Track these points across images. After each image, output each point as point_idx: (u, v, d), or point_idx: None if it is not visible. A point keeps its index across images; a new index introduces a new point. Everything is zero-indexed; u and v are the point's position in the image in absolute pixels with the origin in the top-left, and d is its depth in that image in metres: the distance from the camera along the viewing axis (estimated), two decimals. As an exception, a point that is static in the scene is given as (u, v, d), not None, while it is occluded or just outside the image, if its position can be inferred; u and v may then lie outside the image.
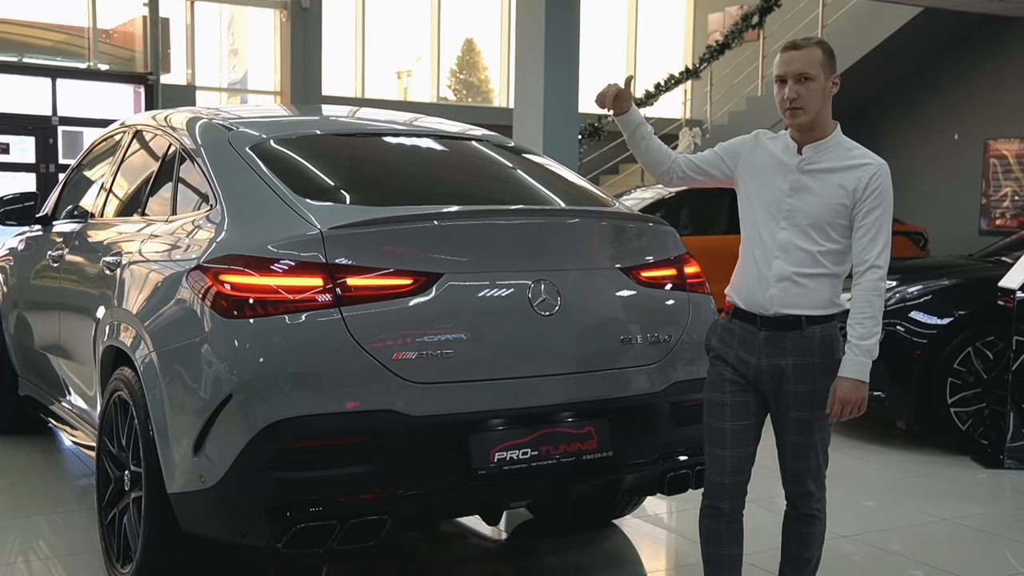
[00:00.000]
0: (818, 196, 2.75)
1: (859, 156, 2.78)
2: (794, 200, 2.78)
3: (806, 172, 2.78)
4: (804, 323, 2.76)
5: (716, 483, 2.89)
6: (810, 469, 2.86)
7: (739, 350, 2.83)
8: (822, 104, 2.76)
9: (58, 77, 12.25)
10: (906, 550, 4.02)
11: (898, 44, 11.83)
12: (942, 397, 5.45)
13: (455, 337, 2.95)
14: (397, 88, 16.75)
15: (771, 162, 2.85)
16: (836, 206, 2.74)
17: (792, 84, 2.73)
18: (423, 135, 4.01)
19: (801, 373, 2.77)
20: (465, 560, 4.01)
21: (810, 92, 2.73)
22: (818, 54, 2.75)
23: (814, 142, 2.79)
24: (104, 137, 4.92)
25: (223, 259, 2.95)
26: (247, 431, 2.79)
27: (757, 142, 2.92)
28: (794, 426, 2.82)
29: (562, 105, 8.23)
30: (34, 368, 4.96)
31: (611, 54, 17.23)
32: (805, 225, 2.76)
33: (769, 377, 2.80)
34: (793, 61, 2.74)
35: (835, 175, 2.76)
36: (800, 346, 2.77)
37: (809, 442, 2.83)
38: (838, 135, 2.82)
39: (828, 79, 2.76)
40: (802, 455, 2.85)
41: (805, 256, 2.75)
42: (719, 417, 2.87)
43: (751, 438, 2.88)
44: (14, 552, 3.89)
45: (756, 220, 2.84)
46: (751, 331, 2.81)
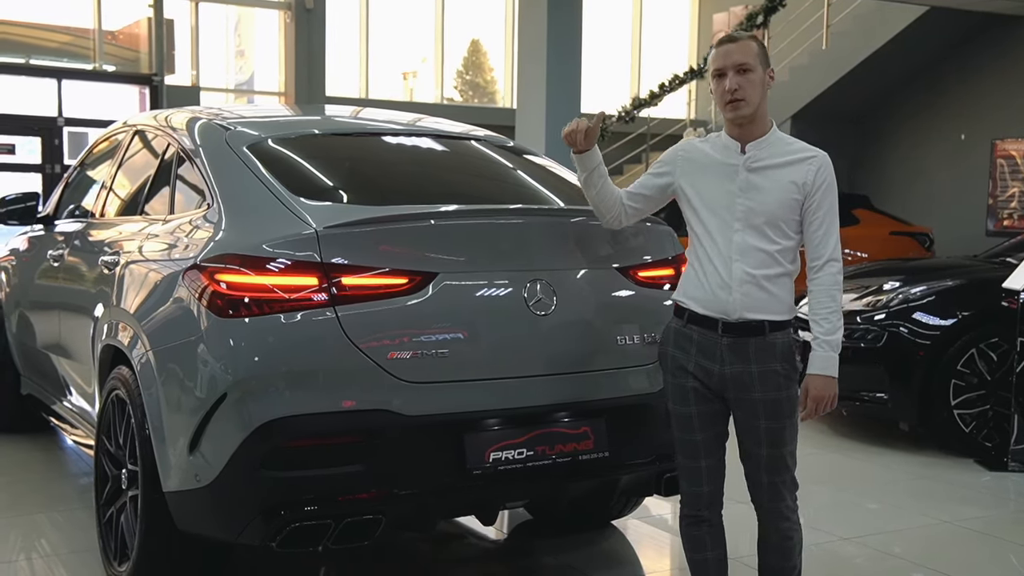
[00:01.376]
0: (769, 193, 2.72)
1: (802, 149, 2.77)
2: (745, 200, 2.73)
3: (753, 170, 2.75)
4: (767, 328, 2.73)
5: (694, 493, 2.87)
6: (785, 483, 2.81)
7: (699, 357, 2.78)
8: (762, 96, 2.74)
9: (64, 78, 12.29)
10: (908, 553, 4.00)
11: (904, 44, 11.78)
12: (945, 399, 5.42)
13: (450, 337, 2.95)
14: (403, 89, 16.77)
15: (711, 164, 2.80)
16: (789, 201, 2.72)
17: (732, 75, 2.71)
18: (422, 135, 4.00)
19: (767, 381, 2.73)
20: (463, 560, 4.01)
21: (750, 83, 2.71)
22: (753, 47, 2.74)
23: (755, 139, 2.76)
24: (105, 137, 4.93)
25: (219, 258, 2.95)
26: (242, 430, 2.79)
27: (690, 147, 2.89)
28: (766, 437, 2.76)
29: (565, 105, 8.23)
30: (36, 367, 4.97)
31: (615, 54, 17.22)
32: (761, 224, 2.72)
33: (733, 385, 2.75)
34: (731, 53, 2.73)
35: (783, 170, 2.73)
36: (763, 353, 2.73)
37: (780, 453, 2.78)
38: (776, 131, 2.80)
39: (765, 71, 2.75)
40: (776, 468, 2.78)
41: (764, 256, 2.72)
42: (688, 429, 2.84)
43: (721, 445, 2.87)
44: (16, 550, 3.91)
45: (707, 224, 2.79)
46: (711, 337, 2.75)
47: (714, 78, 2.77)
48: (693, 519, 2.90)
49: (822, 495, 4.76)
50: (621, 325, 3.25)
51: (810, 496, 2.86)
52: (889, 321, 5.61)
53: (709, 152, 2.83)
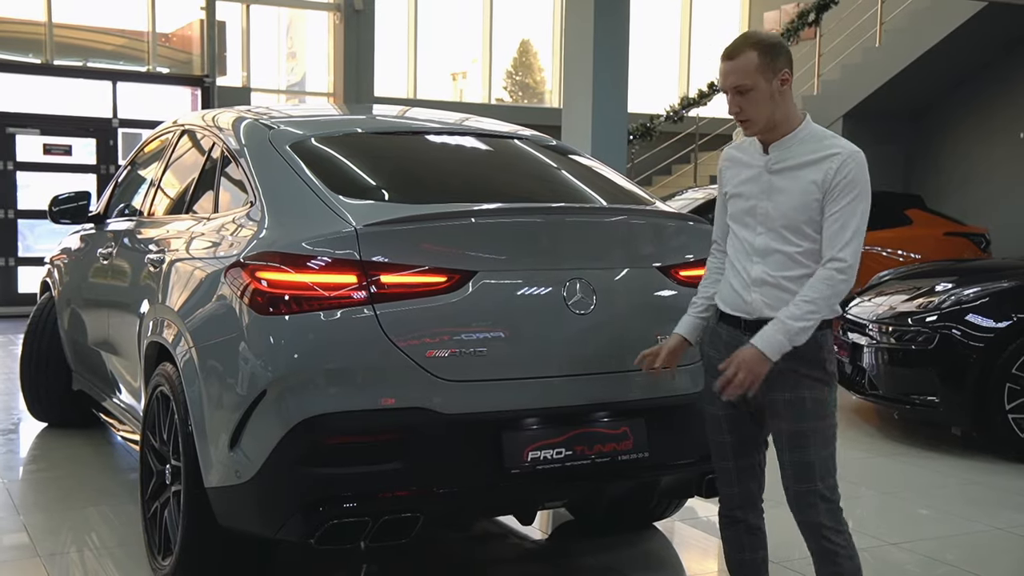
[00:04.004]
0: (790, 195, 2.62)
1: (829, 147, 2.62)
2: (767, 204, 2.66)
3: (775, 172, 2.66)
4: None
5: (726, 493, 2.84)
6: (814, 493, 2.64)
7: (727, 356, 2.69)
8: (772, 108, 2.61)
9: (119, 80, 12.51)
10: (960, 560, 3.92)
11: (961, 40, 11.53)
12: (999, 403, 5.31)
13: (489, 335, 2.95)
14: (452, 89, 16.84)
15: (743, 166, 2.74)
16: (809, 203, 2.59)
17: (731, 97, 2.61)
18: (464, 134, 4.00)
19: (788, 381, 2.64)
20: (503, 560, 4.00)
21: (751, 102, 2.60)
22: (753, 60, 2.58)
23: (779, 139, 2.65)
24: (154, 136, 5.01)
25: (260, 256, 2.98)
26: (281, 427, 2.81)
27: (728, 154, 2.82)
28: (788, 441, 2.66)
29: (611, 105, 8.17)
30: (86, 363, 5.06)
31: (664, 52, 17.11)
32: (780, 227, 2.64)
33: (758, 385, 2.64)
34: (727, 74, 2.61)
35: (804, 170, 2.61)
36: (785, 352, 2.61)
37: (807, 461, 2.64)
38: (807, 127, 2.66)
39: (772, 80, 2.59)
40: (802, 476, 2.65)
41: (784, 259, 2.63)
42: (717, 430, 2.81)
43: (752, 448, 2.79)
44: (67, 543, 3.98)
45: (733, 226, 2.75)
46: (737, 336, 2.70)
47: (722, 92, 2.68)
48: (728, 519, 2.87)
49: (871, 499, 4.68)
50: (662, 325, 3.20)
51: (859, 500, 2.80)
52: (941, 323, 5.49)
53: (741, 155, 2.77)
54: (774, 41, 2.65)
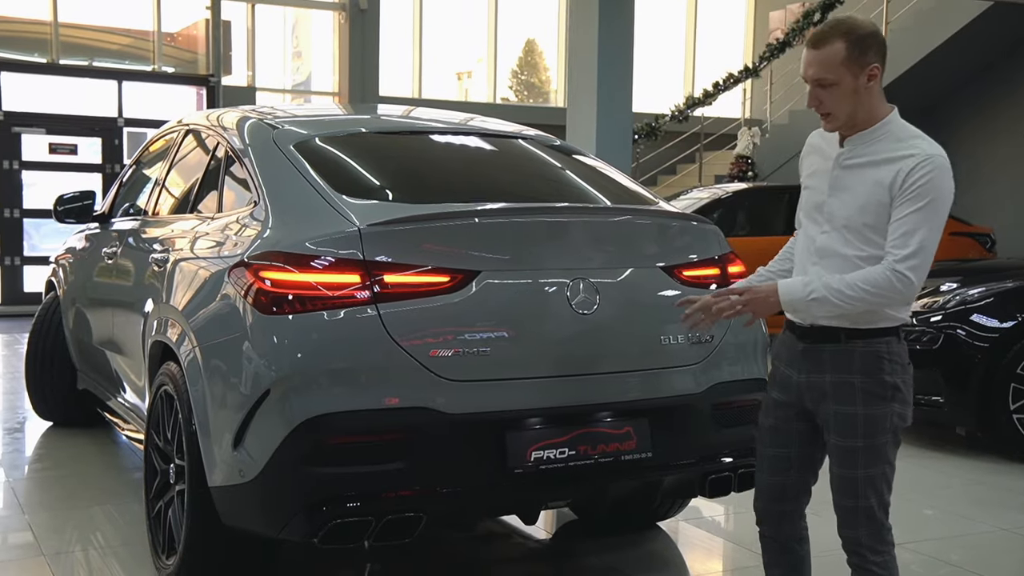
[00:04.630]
0: (855, 194, 2.44)
1: (907, 147, 2.40)
2: (832, 200, 2.49)
3: (844, 167, 2.48)
4: (843, 336, 2.47)
5: (756, 507, 2.74)
6: (857, 510, 2.50)
7: (784, 366, 2.61)
8: (856, 104, 2.42)
9: (124, 80, 12.54)
10: (964, 560, 3.91)
11: (965, 40, 11.52)
12: (1004, 403, 5.29)
13: (493, 335, 2.94)
14: (457, 89, 16.84)
15: (818, 160, 2.60)
16: (875, 205, 2.40)
17: (812, 89, 2.43)
18: (468, 134, 4.00)
19: (840, 392, 2.48)
20: (507, 560, 4.00)
21: (833, 97, 2.41)
22: (840, 52, 2.37)
23: (858, 133, 2.47)
24: (159, 136, 5.02)
25: (264, 256, 2.98)
26: (285, 426, 2.81)
27: (808, 145, 2.67)
28: (836, 454, 2.52)
29: (615, 105, 8.18)
30: (91, 363, 5.07)
31: (670, 52, 17.10)
32: (842, 227, 2.47)
33: (810, 396, 2.55)
34: (809, 65, 2.42)
35: (874, 169, 2.42)
36: (838, 361, 2.48)
37: (852, 476, 2.49)
38: (890, 123, 2.45)
39: (858, 76, 2.39)
40: (847, 491, 2.51)
41: (843, 262, 2.45)
42: (761, 441, 2.69)
43: (792, 467, 2.63)
44: (71, 542, 3.98)
45: (802, 220, 2.61)
46: (794, 343, 2.58)
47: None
48: (761, 534, 2.76)
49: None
50: (665, 325, 3.21)
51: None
52: (946, 323, 5.48)
53: (822, 143, 2.60)
54: (867, 31, 2.41)
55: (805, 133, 2.85)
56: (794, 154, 14.57)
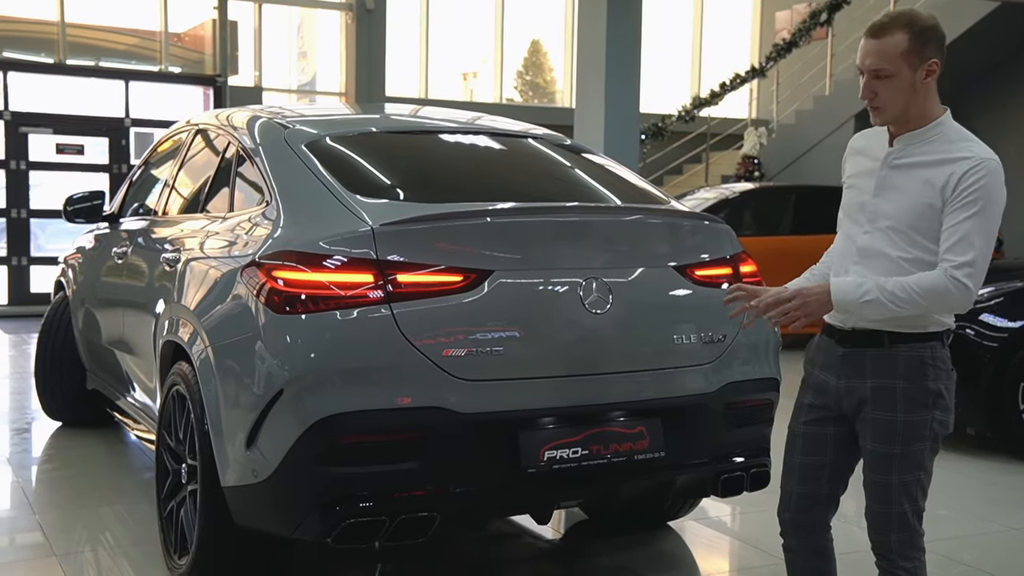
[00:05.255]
0: (904, 194, 2.37)
1: (960, 149, 2.35)
2: (879, 200, 2.43)
3: (894, 167, 2.42)
4: (886, 340, 2.41)
5: (781, 518, 2.64)
6: (890, 516, 2.45)
7: (821, 371, 2.54)
8: (909, 99, 2.35)
9: (131, 80, 12.56)
10: (977, 560, 3.90)
11: (976, 39, 11.50)
12: (1013, 403, 5.29)
13: (506, 335, 2.94)
14: (463, 89, 16.85)
15: (862, 160, 2.53)
16: (923, 207, 2.34)
17: (868, 80, 2.35)
18: (479, 133, 4.00)
19: (881, 398, 2.42)
20: (518, 560, 4.00)
21: (889, 90, 2.34)
22: (901, 43, 2.30)
23: (909, 132, 2.41)
24: (168, 136, 5.02)
25: (276, 255, 2.98)
26: (298, 426, 2.81)
27: (850, 147, 2.61)
28: (870, 460, 2.47)
29: (623, 105, 8.18)
30: (101, 363, 5.08)
31: (676, 52, 17.10)
32: (886, 228, 2.41)
33: (848, 401, 2.49)
34: (867, 54, 2.34)
35: (925, 170, 2.36)
36: (881, 366, 2.42)
37: (887, 482, 2.44)
38: (942, 124, 2.40)
39: (917, 70, 2.32)
40: (880, 496, 2.46)
41: (887, 263, 2.38)
42: (791, 448, 2.60)
43: (824, 476, 2.56)
44: (81, 542, 3.98)
45: (842, 223, 2.53)
46: (833, 348, 2.50)
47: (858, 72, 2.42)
48: (784, 544, 2.67)
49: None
50: (677, 324, 3.21)
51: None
52: (955, 323, 5.45)
53: (866, 143, 2.54)
54: (929, 24, 2.35)
55: (812, 133, 2.84)
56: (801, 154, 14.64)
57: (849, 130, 11.39)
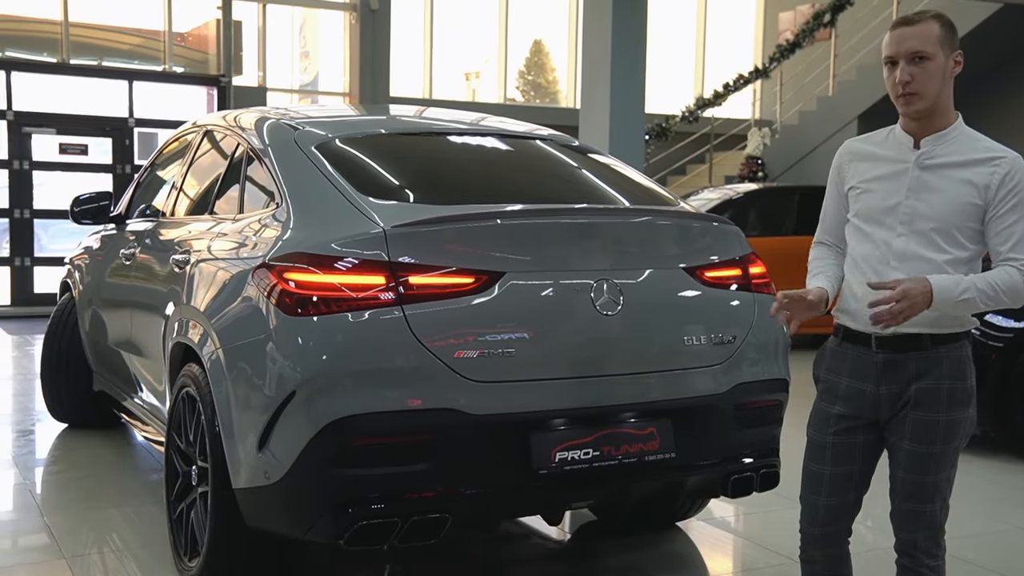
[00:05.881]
0: (943, 194, 2.39)
1: (989, 148, 2.43)
2: (914, 201, 2.43)
3: (927, 168, 2.43)
4: (928, 343, 2.41)
5: (807, 532, 2.61)
6: (922, 514, 2.48)
7: (851, 379, 2.51)
8: (941, 87, 2.40)
9: (135, 80, 12.55)
10: (982, 559, 3.91)
11: (978, 40, 11.50)
12: (1018, 403, 5.29)
13: (517, 336, 2.94)
14: (465, 89, 16.84)
15: (880, 161, 2.52)
16: (965, 206, 2.38)
17: (904, 65, 2.37)
18: (487, 134, 4.00)
19: (927, 399, 2.42)
20: (526, 560, 4.00)
21: (926, 74, 2.37)
22: (935, 29, 2.38)
23: (934, 133, 2.44)
24: (176, 137, 5.02)
25: (288, 257, 2.98)
26: (310, 428, 2.81)
27: (855, 146, 2.61)
28: (907, 460, 2.47)
29: (628, 105, 8.18)
30: (108, 364, 5.08)
31: (680, 53, 17.09)
32: (928, 230, 2.41)
33: (889, 405, 2.47)
34: (904, 39, 2.38)
35: (962, 170, 2.40)
36: (925, 369, 2.42)
37: (923, 481, 2.46)
38: (961, 125, 2.47)
39: (949, 58, 2.40)
40: (915, 495, 2.47)
41: (928, 267, 2.38)
42: (819, 460, 2.57)
43: (853, 485, 2.57)
44: (87, 544, 3.98)
45: (864, 229, 2.50)
46: (866, 354, 2.48)
47: (885, 65, 2.44)
48: (805, 556, 2.65)
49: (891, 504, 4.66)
50: (688, 326, 3.22)
51: (880, 500, 2.75)
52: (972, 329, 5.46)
53: (874, 148, 2.55)
54: (951, 21, 2.47)
55: (815, 134, 2.84)
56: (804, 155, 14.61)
57: (852, 131, 11.39)
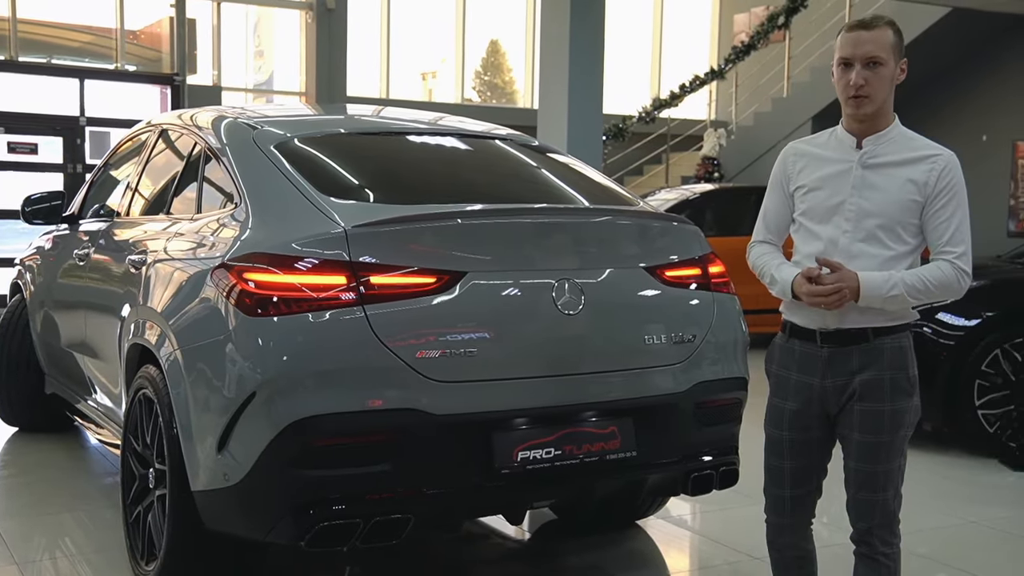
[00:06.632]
0: (886, 192, 2.49)
1: (925, 147, 2.54)
2: (859, 199, 2.52)
3: (869, 167, 2.53)
4: (871, 335, 2.51)
5: (775, 524, 2.73)
6: (875, 503, 2.57)
7: (799, 373, 2.60)
8: (889, 92, 2.50)
9: (86, 78, 12.34)
10: (933, 553, 3.98)
11: (927, 44, 11.72)
12: (970, 399, 5.38)
13: (478, 336, 2.94)
14: (422, 89, 16.80)
15: (824, 161, 2.60)
16: (907, 203, 2.48)
17: (860, 69, 2.46)
18: (447, 134, 4.00)
19: (871, 391, 2.52)
20: (487, 561, 4.00)
21: (879, 79, 2.47)
22: (889, 36, 2.48)
23: (875, 133, 2.54)
24: (130, 136, 4.95)
25: (247, 257, 2.95)
26: (271, 429, 2.79)
27: (799, 147, 2.69)
28: (857, 450, 2.56)
29: (586, 106, 8.21)
30: (60, 366, 4.99)
31: (636, 54, 17.19)
32: (874, 227, 2.50)
33: (836, 398, 2.57)
34: (862, 43, 2.47)
35: (903, 168, 2.51)
36: (868, 360, 2.52)
37: (874, 470, 2.55)
38: (899, 125, 2.58)
39: (897, 64, 2.50)
40: (867, 485, 2.56)
41: (873, 263, 2.48)
42: (778, 455, 2.68)
43: (813, 475, 2.68)
44: (40, 549, 3.91)
45: (811, 227, 2.58)
46: (812, 349, 2.57)
47: (838, 66, 2.51)
48: (775, 546, 2.76)
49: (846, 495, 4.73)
50: (648, 325, 3.24)
51: (834, 497, 2.81)
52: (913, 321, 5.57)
53: (818, 149, 2.64)
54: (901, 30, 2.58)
55: (770, 135, 2.90)
56: (759, 155, 14.74)
57: (807, 131, 11.53)
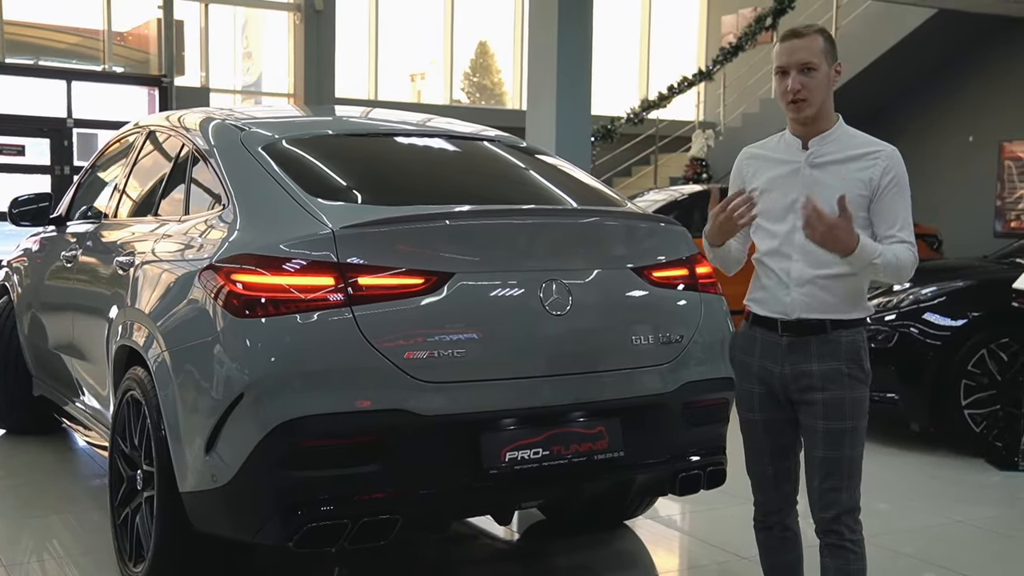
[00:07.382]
0: (834, 189, 2.59)
1: (868, 143, 2.68)
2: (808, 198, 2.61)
3: (816, 166, 2.67)
4: (829, 327, 2.64)
5: (762, 499, 2.85)
6: (840, 491, 2.66)
7: (762, 359, 2.73)
8: (826, 93, 2.65)
9: (73, 80, 12.32)
10: (920, 552, 4.00)
11: (913, 46, 11.79)
12: (956, 399, 5.41)
13: (466, 337, 2.95)
14: (410, 90, 16.80)
15: (774, 163, 2.74)
16: (855, 198, 2.59)
17: (795, 75, 2.62)
18: (436, 135, 4.01)
19: (830, 379, 2.64)
20: (476, 561, 4.01)
21: (814, 83, 2.62)
22: (820, 42, 2.63)
23: (819, 135, 2.68)
24: (118, 138, 4.94)
25: (235, 258, 2.96)
26: (259, 430, 2.79)
27: (751, 151, 2.83)
28: (825, 437, 2.65)
29: (575, 107, 8.23)
30: (48, 368, 4.98)
31: (624, 56, 17.23)
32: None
33: (796, 386, 2.68)
34: (795, 51, 2.62)
35: (847, 165, 2.64)
36: (826, 351, 2.64)
37: (839, 456, 2.65)
38: (842, 125, 2.71)
39: (830, 67, 2.65)
40: (832, 472, 2.66)
41: (827, 257, 2.59)
42: (754, 435, 2.80)
43: (789, 451, 2.80)
44: (27, 552, 3.90)
45: (767, 226, 2.71)
46: (772, 338, 2.70)
47: (776, 75, 2.67)
48: (763, 524, 2.87)
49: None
50: (636, 325, 3.25)
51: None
52: (900, 322, 5.60)
53: (769, 152, 2.78)
54: (832, 35, 2.73)
55: (758, 136, 2.94)
56: (747, 156, 14.60)
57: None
